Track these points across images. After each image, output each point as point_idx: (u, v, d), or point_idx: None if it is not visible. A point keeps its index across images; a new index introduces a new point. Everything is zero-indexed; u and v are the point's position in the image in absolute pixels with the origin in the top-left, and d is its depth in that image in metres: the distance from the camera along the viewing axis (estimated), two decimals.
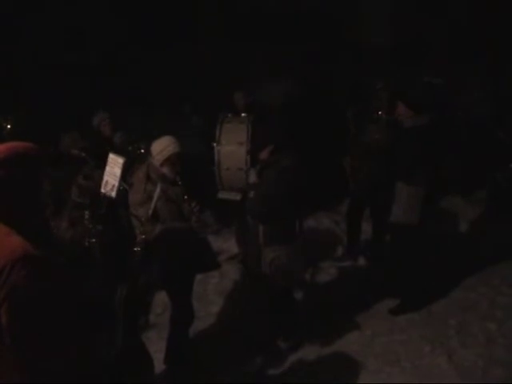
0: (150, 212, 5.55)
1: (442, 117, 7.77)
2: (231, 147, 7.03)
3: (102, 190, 4.74)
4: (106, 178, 4.81)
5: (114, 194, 4.73)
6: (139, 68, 11.80)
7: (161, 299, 6.64)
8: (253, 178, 6.16)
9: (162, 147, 5.72)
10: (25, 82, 10.45)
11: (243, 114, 7.97)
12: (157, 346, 6.04)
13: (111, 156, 4.91)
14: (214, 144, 7.10)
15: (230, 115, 7.82)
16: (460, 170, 9.10)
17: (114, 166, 4.83)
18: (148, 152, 5.98)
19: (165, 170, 5.69)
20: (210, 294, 7.58)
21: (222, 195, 7.64)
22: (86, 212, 4.22)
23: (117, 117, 8.42)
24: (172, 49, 11.93)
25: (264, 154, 5.97)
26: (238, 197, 7.27)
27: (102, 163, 5.00)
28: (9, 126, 6.95)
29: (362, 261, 8.28)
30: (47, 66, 10.95)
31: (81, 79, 10.90)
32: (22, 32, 10.71)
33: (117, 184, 4.73)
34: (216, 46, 12.21)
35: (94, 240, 4.15)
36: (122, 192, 5.12)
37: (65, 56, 11.38)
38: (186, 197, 5.62)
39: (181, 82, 11.27)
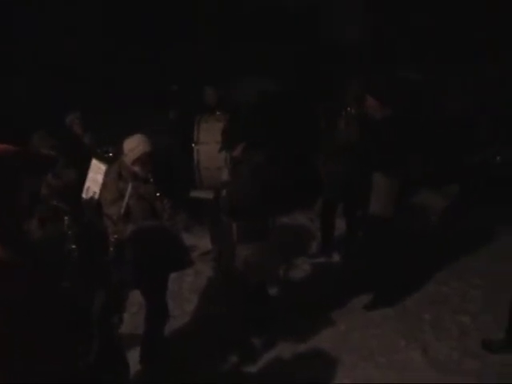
0: (122, 210, 5.51)
1: (415, 110, 7.84)
2: (210, 146, 7.03)
3: (84, 196, 4.70)
4: (87, 184, 4.78)
5: (95, 200, 4.70)
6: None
7: (136, 298, 6.59)
8: (225, 175, 6.16)
9: (134, 146, 5.69)
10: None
11: (218, 113, 7.98)
12: (132, 345, 6.00)
13: (94, 162, 4.87)
14: (193, 144, 7.10)
15: (206, 115, 7.83)
16: (432, 164, 9.18)
17: (97, 172, 4.80)
18: (118, 152, 5.95)
19: (136, 168, 5.67)
20: (185, 293, 7.55)
21: (195, 194, 7.64)
22: (66, 218, 4.18)
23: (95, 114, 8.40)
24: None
25: (236, 151, 5.97)
26: (210, 195, 7.28)
27: (73, 162, 4.96)
28: None
29: (335, 257, 8.30)
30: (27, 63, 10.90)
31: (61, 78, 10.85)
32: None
33: (98, 191, 4.70)
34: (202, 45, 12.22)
35: (73, 246, 4.11)
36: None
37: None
38: (158, 194, 5.60)
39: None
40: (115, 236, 4.99)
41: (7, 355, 3.05)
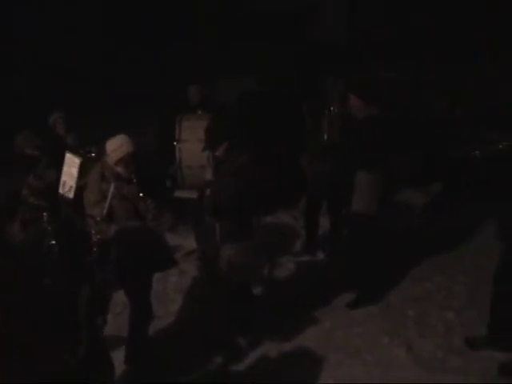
0: (105, 211, 5.49)
1: (396, 109, 7.87)
2: (192, 144, 7.01)
3: (60, 191, 4.68)
4: (63, 178, 4.75)
5: (71, 195, 4.68)
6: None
7: (120, 298, 6.58)
8: (209, 175, 6.16)
9: (116, 146, 5.69)
10: None
11: (200, 112, 7.97)
12: (116, 346, 5.98)
13: (68, 155, 4.85)
14: (175, 142, 7.08)
15: (188, 113, 7.81)
16: (415, 162, 9.21)
17: (71, 166, 4.78)
18: (101, 153, 5.94)
19: (119, 168, 5.66)
20: (170, 293, 7.53)
21: (179, 194, 7.62)
22: (45, 214, 4.15)
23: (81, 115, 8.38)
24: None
25: (219, 151, 5.97)
26: (194, 195, 7.26)
27: (55, 162, 4.93)
28: None
29: (320, 255, 8.29)
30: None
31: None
32: None
33: (74, 185, 4.68)
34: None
35: (53, 242, 4.09)
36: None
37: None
38: (141, 195, 5.59)
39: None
40: (98, 236, 4.97)
41: None
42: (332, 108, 7.64)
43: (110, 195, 5.51)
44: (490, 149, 8.75)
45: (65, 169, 4.80)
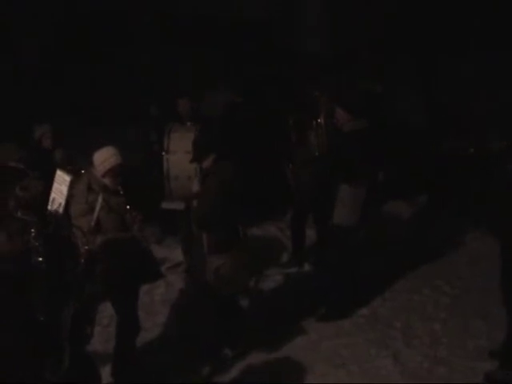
0: (93, 223, 5.49)
1: (380, 121, 7.93)
2: (180, 156, 7.03)
3: (49, 208, 4.67)
4: (53, 195, 4.75)
5: (60, 211, 4.68)
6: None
7: (107, 310, 6.57)
8: (196, 186, 6.18)
9: (104, 158, 5.70)
10: None
11: (189, 123, 8.00)
12: (103, 358, 5.97)
13: (58, 173, 4.86)
14: (163, 153, 7.09)
15: (176, 125, 7.84)
16: (401, 174, 9.26)
17: (62, 183, 4.79)
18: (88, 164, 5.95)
19: (106, 180, 5.67)
20: (157, 305, 7.52)
21: (166, 205, 7.63)
22: (33, 230, 4.15)
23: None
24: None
25: (206, 163, 6.00)
26: (181, 206, 7.28)
27: (42, 175, 4.93)
28: None
29: (306, 266, 8.31)
30: None
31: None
32: None
33: (63, 202, 4.68)
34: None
35: (40, 259, 4.08)
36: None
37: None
38: (128, 207, 5.60)
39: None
40: (86, 248, 4.96)
41: None
42: (319, 121, 7.69)
43: (98, 207, 5.51)
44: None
45: (55, 186, 4.81)
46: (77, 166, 7.28)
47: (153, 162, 8.40)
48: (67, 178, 4.75)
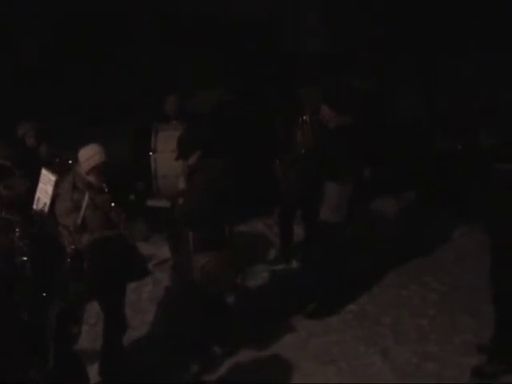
0: (79, 221, 5.45)
1: (368, 118, 7.93)
2: (167, 155, 7.01)
3: (34, 207, 4.64)
4: (38, 194, 4.72)
5: (45, 211, 4.64)
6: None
7: (94, 309, 6.53)
8: (182, 184, 6.15)
9: (89, 156, 5.66)
10: None
11: (174, 122, 7.96)
12: (91, 357, 5.93)
13: (43, 172, 4.83)
14: (151, 153, 7.07)
15: (163, 123, 7.80)
16: (390, 170, 9.27)
17: (47, 183, 4.76)
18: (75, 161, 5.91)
19: (91, 178, 5.63)
20: (144, 303, 7.49)
21: (151, 203, 7.61)
22: (17, 229, 4.11)
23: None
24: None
25: (192, 160, 5.96)
26: (167, 204, 7.26)
27: (27, 174, 4.89)
28: None
29: (294, 263, 8.30)
30: None
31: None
32: None
33: (48, 202, 4.65)
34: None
35: (25, 258, 4.05)
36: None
37: None
38: (113, 204, 5.57)
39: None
40: (72, 246, 4.93)
41: None
42: (305, 118, 7.68)
43: (84, 205, 5.47)
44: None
45: (40, 185, 4.78)
46: (63, 157, 7.23)
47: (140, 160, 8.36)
48: (52, 178, 4.72)
